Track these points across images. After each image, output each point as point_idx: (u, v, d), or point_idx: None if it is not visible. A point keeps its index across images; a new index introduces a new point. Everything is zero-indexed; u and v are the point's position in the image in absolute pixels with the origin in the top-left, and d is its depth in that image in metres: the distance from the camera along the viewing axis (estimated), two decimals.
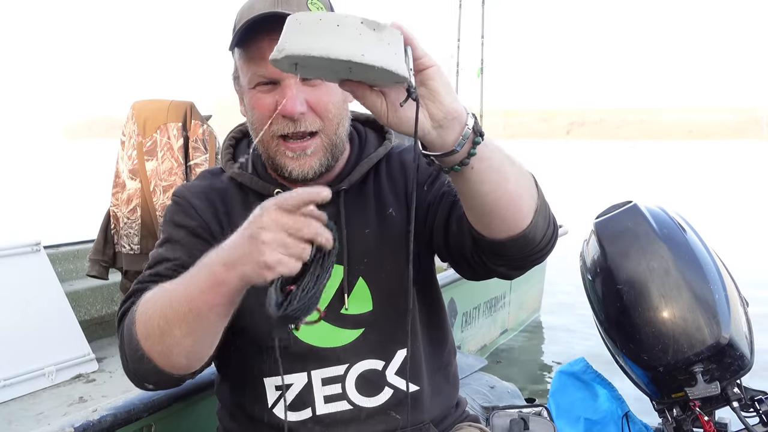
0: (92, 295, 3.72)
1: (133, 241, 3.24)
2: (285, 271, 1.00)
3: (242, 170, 1.42)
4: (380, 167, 1.46)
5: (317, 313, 1.09)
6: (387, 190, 1.44)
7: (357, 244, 1.39)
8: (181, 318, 1.12)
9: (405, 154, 1.48)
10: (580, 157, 54.98)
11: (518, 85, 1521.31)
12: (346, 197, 1.41)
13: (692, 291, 2.18)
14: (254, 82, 1.30)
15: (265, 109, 1.29)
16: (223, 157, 1.48)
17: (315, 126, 1.30)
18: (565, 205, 2.49)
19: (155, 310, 1.16)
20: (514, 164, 1.15)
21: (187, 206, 1.41)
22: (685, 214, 2.42)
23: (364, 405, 1.38)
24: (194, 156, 3.21)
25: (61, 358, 2.52)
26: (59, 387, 2.42)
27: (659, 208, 2.41)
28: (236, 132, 1.54)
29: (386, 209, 1.42)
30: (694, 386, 2.14)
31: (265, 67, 1.26)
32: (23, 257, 2.77)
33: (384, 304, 1.39)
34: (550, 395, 2.71)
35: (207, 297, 1.08)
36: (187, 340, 1.14)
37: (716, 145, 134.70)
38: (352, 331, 1.38)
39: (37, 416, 2.10)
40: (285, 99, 1.26)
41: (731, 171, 35.34)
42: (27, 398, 2.28)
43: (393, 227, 1.41)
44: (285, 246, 0.99)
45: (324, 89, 1.30)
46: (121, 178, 3.32)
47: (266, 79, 1.28)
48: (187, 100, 3.30)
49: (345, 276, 1.37)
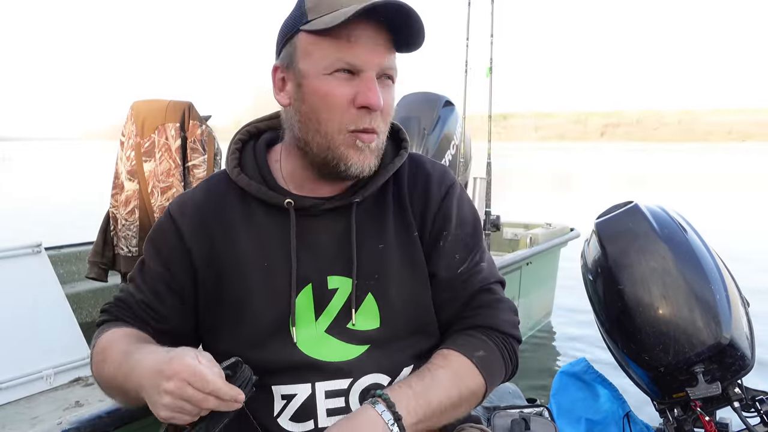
0: (93, 297, 3.71)
1: (132, 243, 3.24)
2: (177, 423, 1.11)
3: (250, 178, 1.37)
4: (402, 180, 1.41)
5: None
6: (408, 206, 1.39)
7: (368, 259, 1.34)
8: (117, 392, 1.29)
9: (432, 180, 1.42)
10: (614, 160, 54.58)
11: (551, 87, 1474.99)
12: (360, 209, 1.36)
13: (693, 291, 2.17)
14: (334, 67, 1.23)
15: (343, 99, 1.24)
16: (229, 163, 1.41)
17: (381, 126, 1.29)
18: (587, 208, 2.49)
19: (100, 369, 1.31)
20: (450, 391, 1.26)
21: (172, 231, 1.39)
22: (713, 217, 2.42)
23: None
24: (192, 157, 3.19)
25: (60, 361, 2.51)
26: (57, 390, 2.40)
27: (660, 208, 2.40)
28: (242, 134, 1.46)
29: (405, 227, 1.38)
30: (695, 386, 2.14)
31: (353, 54, 1.22)
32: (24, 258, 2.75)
33: (392, 322, 1.34)
34: (552, 395, 2.70)
35: (131, 393, 1.21)
36: (126, 405, 1.32)
37: (757, 147, 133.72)
38: (358, 347, 1.33)
39: (32, 420, 2.08)
40: (368, 90, 1.23)
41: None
42: (23, 402, 2.27)
43: (409, 246, 1.37)
44: (181, 409, 1.08)
45: (391, 92, 1.29)
46: (120, 179, 3.31)
47: (349, 67, 1.23)
48: (186, 101, 3.28)
49: (353, 290, 1.32)
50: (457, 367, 1.29)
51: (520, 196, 17.36)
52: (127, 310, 1.40)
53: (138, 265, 1.44)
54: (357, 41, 1.22)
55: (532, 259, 4.89)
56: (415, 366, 1.35)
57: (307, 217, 1.34)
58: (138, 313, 1.39)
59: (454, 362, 1.30)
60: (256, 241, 1.35)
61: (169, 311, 1.38)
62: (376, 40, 1.23)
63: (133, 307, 1.39)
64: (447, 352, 1.33)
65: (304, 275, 1.33)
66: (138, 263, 1.44)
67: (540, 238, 5.07)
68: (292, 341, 1.32)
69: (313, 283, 1.33)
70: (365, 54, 1.23)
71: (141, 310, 1.38)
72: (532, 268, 4.94)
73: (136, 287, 1.41)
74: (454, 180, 1.44)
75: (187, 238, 1.37)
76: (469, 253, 1.41)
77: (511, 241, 5.63)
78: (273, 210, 1.35)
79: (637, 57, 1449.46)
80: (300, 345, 1.32)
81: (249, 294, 1.33)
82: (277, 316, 1.32)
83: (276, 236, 1.34)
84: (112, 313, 1.41)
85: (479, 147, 4.78)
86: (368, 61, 1.23)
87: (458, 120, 4.48)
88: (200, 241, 1.37)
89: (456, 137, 4.41)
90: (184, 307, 1.39)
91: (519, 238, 5.49)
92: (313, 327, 1.33)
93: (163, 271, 1.38)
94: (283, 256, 1.33)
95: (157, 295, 1.38)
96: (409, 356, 1.36)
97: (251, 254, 1.34)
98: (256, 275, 1.33)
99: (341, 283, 1.34)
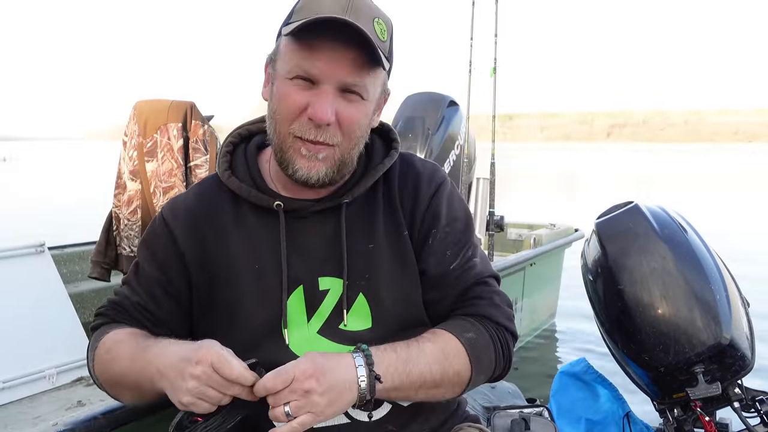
0: (97, 296, 3.71)
1: (134, 243, 3.24)
2: (196, 411, 1.13)
3: (240, 181, 1.38)
4: (392, 180, 1.42)
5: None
6: (398, 205, 1.39)
7: (358, 259, 1.34)
8: (128, 387, 1.30)
9: (422, 178, 1.42)
10: (620, 160, 54.28)
11: (557, 87, 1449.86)
12: (351, 209, 1.37)
13: (693, 291, 2.17)
14: (294, 73, 1.24)
15: (294, 106, 1.25)
16: (220, 166, 1.42)
17: (334, 140, 1.27)
18: (592, 209, 2.49)
19: (109, 368, 1.32)
20: (433, 366, 1.26)
21: (166, 235, 1.40)
22: (719, 218, 2.42)
23: (362, 419, 1.33)
24: (194, 157, 3.19)
25: (62, 361, 2.52)
26: (59, 390, 2.41)
27: (660, 208, 2.40)
28: (234, 137, 1.47)
29: (395, 226, 1.38)
30: (695, 386, 2.14)
31: (312, 64, 1.22)
32: (27, 258, 2.77)
33: (383, 323, 1.35)
34: (551, 395, 2.70)
35: (145, 386, 1.23)
36: (135, 400, 1.35)
37: (764, 147, 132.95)
38: (350, 347, 1.31)
39: (34, 420, 2.10)
40: (317, 102, 1.23)
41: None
42: (26, 401, 2.28)
43: (400, 245, 1.37)
44: (203, 395, 1.11)
45: (358, 108, 1.28)
46: (123, 179, 3.31)
47: (307, 75, 1.23)
48: (188, 100, 3.28)
49: (344, 291, 1.33)
50: (445, 345, 1.29)
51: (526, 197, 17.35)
52: (123, 313, 1.40)
53: (132, 267, 1.44)
54: (318, 52, 1.22)
55: (536, 260, 4.88)
56: None
57: (297, 219, 1.35)
58: (134, 315, 1.39)
59: (442, 339, 1.30)
60: (247, 244, 1.35)
61: (165, 314, 1.39)
62: (342, 54, 1.22)
63: (129, 309, 1.40)
64: (438, 330, 1.33)
65: (295, 277, 1.33)
66: (132, 266, 1.45)
67: (544, 239, 5.06)
68: (285, 343, 1.32)
69: (304, 285, 1.34)
70: (324, 66, 1.22)
71: (137, 313, 1.39)
72: (536, 269, 4.93)
73: (131, 290, 1.41)
74: (444, 178, 1.45)
75: (180, 241, 1.38)
76: (460, 250, 1.41)
77: (515, 242, 5.63)
78: (263, 212, 1.36)
79: (643, 57, 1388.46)
80: (292, 347, 1.33)
81: (241, 297, 1.34)
82: (269, 318, 1.32)
83: (267, 238, 1.35)
84: (109, 316, 1.41)
85: (484, 147, 4.78)
86: (326, 74, 1.23)
87: (463, 120, 4.48)
88: (193, 245, 1.37)
89: (460, 137, 4.41)
90: (180, 311, 1.40)
91: (523, 238, 5.48)
92: (305, 328, 1.34)
93: (159, 274, 1.39)
94: (274, 259, 1.34)
95: (154, 298, 1.39)
96: None
97: (243, 257, 1.35)
98: (248, 278, 1.34)
99: (332, 284, 1.34)
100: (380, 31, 1.25)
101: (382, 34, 1.26)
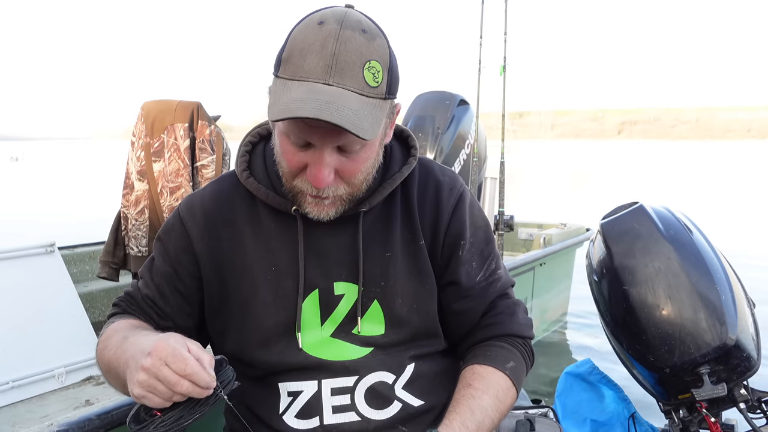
0: (106, 296, 3.74)
1: (141, 243, 3.26)
2: (149, 404, 1.10)
3: (259, 183, 1.37)
4: (411, 187, 1.40)
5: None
6: (416, 214, 1.38)
7: (375, 266, 1.34)
8: (113, 376, 1.29)
9: (443, 188, 1.41)
10: (632, 158, 53.87)
11: (568, 85, 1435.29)
12: (368, 217, 1.36)
13: (698, 292, 2.16)
14: (286, 134, 1.22)
15: (293, 165, 1.24)
16: (238, 166, 1.41)
17: (338, 192, 1.26)
18: (603, 207, 2.47)
19: (102, 357, 1.32)
20: (494, 417, 1.29)
21: (180, 232, 1.40)
22: (727, 217, 2.41)
23: (373, 417, 1.34)
24: (201, 157, 3.20)
25: (72, 360, 2.54)
26: (68, 389, 2.43)
27: (665, 208, 2.39)
28: (253, 136, 1.45)
29: (412, 235, 1.38)
30: (701, 387, 2.13)
31: (305, 134, 1.19)
32: (37, 258, 2.79)
33: (396, 330, 1.35)
34: (557, 396, 2.70)
35: (122, 376, 1.20)
36: (123, 390, 1.27)
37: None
38: (363, 348, 1.35)
39: (41, 419, 2.11)
40: (314, 167, 1.20)
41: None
42: (35, 400, 2.30)
43: (416, 254, 1.37)
44: (153, 389, 1.08)
45: (358, 159, 1.24)
46: (131, 179, 3.33)
47: (299, 141, 1.20)
48: (195, 101, 3.29)
49: (359, 297, 1.33)
50: (497, 389, 1.33)
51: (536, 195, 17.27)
52: (134, 304, 1.42)
53: (148, 261, 1.46)
54: (309, 127, 1.17)
55: (546, 260, 4.86)
56: (416, 365, 1.37)
57: (315, 224, 1.33)
58: (143, 307, 1.41)
59: (492, 383, 1.33)
60: (263, 245, 1.35)
61: (171, 309, 1.40)
62: (332, 129, 1.15)
63: (139, 301, 1.41)
64: (482, 370, 1.35)
65: (311, 281, 1.34)
66: (148, 260, 1.46)
67: (554, 239, 5.04)
68: (298, 346, 1.33)
69: (319, 289, 1.34)
70: (316, 136, 1.18)
71: (146, 305, 1.41)
72: (546, 268, 4.91)
73: (144, 283, 1.43)
74: (464, 187, 1.45)
75: (195, 240, 1.38)
76: (485, 261, 1.43)
77: (526, 242, 5.61)
78: (281, 215, 1.36)
79: (654, 54, 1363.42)
80: (305, 348, 1.33)
81: (255, 298, 1.34)
82: (283, 320, 1.33)
83: (283, 241, 1.35)
84: (121, 307, 1.44)
85: (495, 145, 4.77)
86: (320, 141, 1.19)
87: (473, 119, 4.47)
88: (208, 244, 1.38)
89: (470, 136, 4.41)
90: (187, 307, 1.40)
91: (533, 238, 5.46)
92: (319, 332, 1.34)
93: (170, 270, 1.40)
94: (290, 261, 1.34)
95: (162, 293, 1.40)
96: (410, 356, 1.38)
97: (258, 258, 1.35)
98: (263, 279, 1.34)
99: (347, 289, 1.35)
100: (372, 76, 1.17)
101: (375, 78, 1.18)
